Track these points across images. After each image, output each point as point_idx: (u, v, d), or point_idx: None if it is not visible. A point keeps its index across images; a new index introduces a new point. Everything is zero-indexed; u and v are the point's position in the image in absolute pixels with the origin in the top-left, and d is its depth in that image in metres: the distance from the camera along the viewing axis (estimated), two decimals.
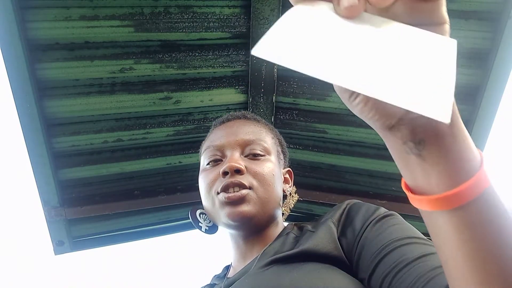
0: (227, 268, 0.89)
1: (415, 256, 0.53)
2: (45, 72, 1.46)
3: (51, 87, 1.50)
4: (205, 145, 0.91)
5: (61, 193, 1.71)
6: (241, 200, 0.76)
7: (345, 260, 0.64)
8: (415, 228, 0.63)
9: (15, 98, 1.44)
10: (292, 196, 0.92)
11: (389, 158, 2.04)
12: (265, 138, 0.88)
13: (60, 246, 1.81)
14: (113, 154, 1.74)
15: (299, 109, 1.75)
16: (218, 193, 0.79)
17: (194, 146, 1.81)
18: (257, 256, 0.74)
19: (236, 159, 0.81)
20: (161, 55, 1.54)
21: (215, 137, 0.88)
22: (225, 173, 0.79)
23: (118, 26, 1.44)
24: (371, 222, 0.65)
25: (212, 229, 0.89)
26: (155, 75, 1.58)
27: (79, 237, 1.86)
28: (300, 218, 2.05)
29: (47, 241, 1.80)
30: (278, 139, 0.95)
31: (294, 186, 0.95)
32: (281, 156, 0.93)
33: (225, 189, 0.78)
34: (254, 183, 0.79)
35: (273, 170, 0.83)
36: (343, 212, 0.72)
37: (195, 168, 1.87)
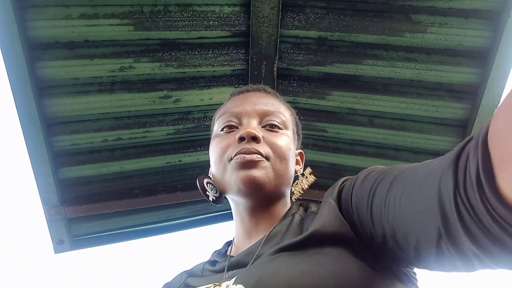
0: (228, 244, 0.86)
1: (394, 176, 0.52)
2: (45, 71, 1.46)
3: (51, 86, 1.50)
4: (220, 111, 0.86)
5: (61, 192, 1.71)
6: (254, 164, 0.73)
7: (353, 235, 0.61)
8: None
9: (15, 97, 1.44)
10: (307, 177, 0.89)
11: (389, 157, 2.04)
12: (284, 112, 0.85)
13: (60, 245, 1.81)
14: (113, 153, 1.74)
15: (299, 107, 1.75)
16: (231, 159, 0.75)
17: (194, 145, 1.81)
18: (263, 238, 0.72)
19: (253, 126, 0.78)
20: (160, 54, 1.54)
21: (233, 104, 0.84)
22: (241, 139, 0.75)
23: (118, 25, 1.44)
24: (357, 179, 0.63)
25: (218, 200, 0.85)
26: (154, 73, 1.57)
27: (79, 236, 1.87)
28: None
29: (47, 240, 1.80)
30: (295, 118, 0.92)
31: (309, 167, 0.92)
32: (296, 137, 0.91)
33: (239, 154, 0.74)
34: (270, 153, 0.76)
35: (289, 145, 0.80)
36: (340, 187, 0.69)
37: (195, 166, 1.88)
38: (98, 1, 1.39)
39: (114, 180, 1.80)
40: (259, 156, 0.74)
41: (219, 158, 0.78)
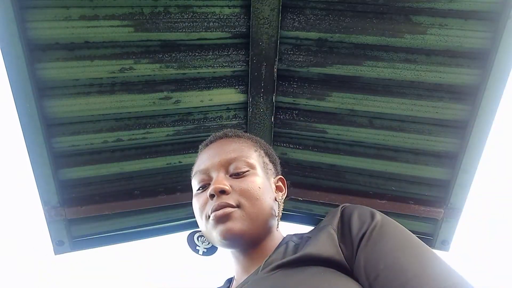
0: (229, 281, 0.90)
1: (414, 274, 0.57)
2: (45, 72, 1.46)
3: (51, 87, 1.50)
4: (193, 170, 0.95)
5: (61, 193, 1.71)
6: (227, 217, 0.78)
7: (346, 265, 0.66)
8: (407, 233, 0.66)
9: (15, 98, 1.44)
10: (282, 205, 0.94)
11: (389, 158, 2.04)
12: (248, 153, 0.89)
13: (60, 246, 1.81)
14: (113, 154, 1.74)
15: (299, 109, 1.75)
16: (209, 217, 0.82)
17: (194, 146, 1.81)
18: (260, 266, 0.75)
19: (220, 180, 0.83)
20: (161, 55, 1.54)
21: (201, 162, 0.92)
22: (211, 196, 0.82)
23: (118, 26, 1.44)
24: (366, 231, 0.67)
25: (211, 250, 0.93)
26: (155, 75, 1.58)
27: (79, 237, 1.86)
28: (300, 218, 2.05)
29: (47, 241, 1.80)
30: (263, 150, 0.96)
31: (286, 193, 0.96)
32: (269, 166, 0.94)
33: (213, 212, 0.81)
34: (242, 200, 0.81)
35: (259, 184, 0.84)
36: (339, 218, 0.74)
37: None
38: (98, 2, 1.40)
39: (114, 181, 1.80)
40: (230, 208, 0.79)
41: (200, 217, 0.86)
